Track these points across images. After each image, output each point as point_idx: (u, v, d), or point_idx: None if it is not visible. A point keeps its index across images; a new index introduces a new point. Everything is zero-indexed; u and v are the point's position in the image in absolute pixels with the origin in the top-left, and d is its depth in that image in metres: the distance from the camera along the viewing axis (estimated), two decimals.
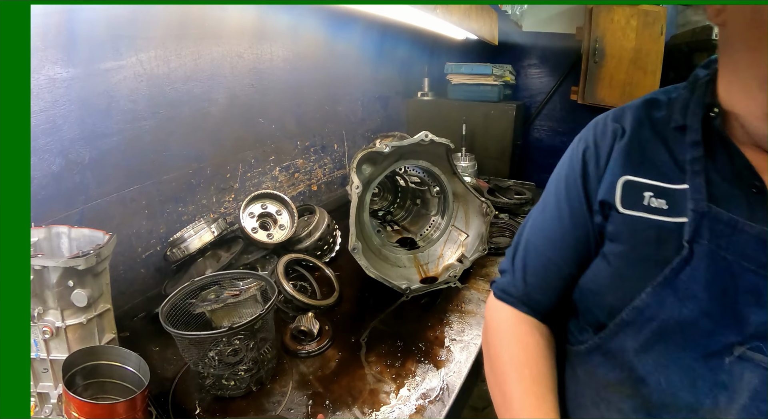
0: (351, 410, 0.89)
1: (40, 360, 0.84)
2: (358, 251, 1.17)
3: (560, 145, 3.00)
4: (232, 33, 1.43)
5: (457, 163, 2.13)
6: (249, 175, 1.60)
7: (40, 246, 0.90)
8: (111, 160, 1.14)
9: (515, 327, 0.70)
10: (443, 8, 1.44)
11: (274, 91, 1.65)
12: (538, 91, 2.97)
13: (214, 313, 1.01)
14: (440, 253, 1.46)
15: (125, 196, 1.19)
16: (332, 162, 2.09)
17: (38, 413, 0.86)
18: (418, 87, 2.67)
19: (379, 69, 2.34)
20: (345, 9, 1.61)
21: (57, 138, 1.01)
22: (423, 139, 1.20)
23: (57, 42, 0.97)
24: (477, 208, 1.41)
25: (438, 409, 0.89)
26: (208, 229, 1.23)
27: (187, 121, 1.33)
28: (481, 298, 1.29)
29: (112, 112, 1.13)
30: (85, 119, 1.06)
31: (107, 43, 1.09)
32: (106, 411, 0.73)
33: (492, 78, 2.44)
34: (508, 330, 0.71)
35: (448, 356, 1.05)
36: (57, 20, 0.96)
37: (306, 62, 1.78)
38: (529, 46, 2.85)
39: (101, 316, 0.89)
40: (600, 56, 2.36)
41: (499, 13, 2.23)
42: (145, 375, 0.81)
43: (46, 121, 0.98)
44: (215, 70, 1.39)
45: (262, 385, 0.95)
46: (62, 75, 0.99)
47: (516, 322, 0.71)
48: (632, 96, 2.36)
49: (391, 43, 2.34)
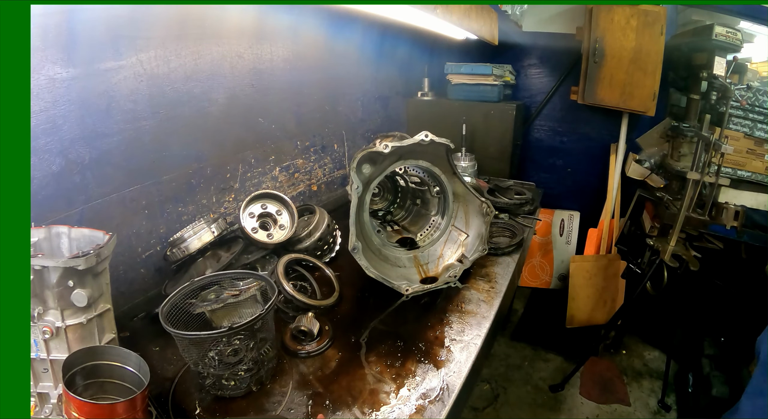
0: (351, 410, 0.89)
1: (40, 360, 0.84)
2: (358, 251, 1.17)
3: (560, 145, 3.00)
4: (232, 33, 1.43)
5: (457, 163, 2.13)
6: (249, 175, 1.60)
7: (40, 246, 0.90)
8: (111, 160, 1.14)
9: None
10: (443, 8, 1.44)
11: (274, 91, 1.65)
12: (538, 91, 2.97)
13: (214, 313, 1.01)
14: (440, 253, 1.46)
15: (125, 196, 1.19)
16: (332, 162, 2.09)
17: (38, 413, 0.86)
18: (418, 87, 2.67)
19: (379, 69, 2.35)
20: (345, 9, 1.61)
21: (57, 138, 1.01)
22: (423, 139, 1.20)
23: (57, 42, 0.97)
24: (477, 208, 1.41)
25: (438, 409, 0.89)
26: (208, 229, 1.23)
27: (187, 121, 1.33)
28: (481, 298, 1.29)
29: (112, 112, 1.13)
30: (85, 119, 1.06)
31: (107, 43, 1.09)
32: (106, 411, 0.73)
33: (492, 78, 2.44)
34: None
35: (448, 356, 1.05)
36: (57, 20, 0.96)
37: (306, 62, 1.78)
38: (529, 46, 2.86)
39: (101, 316, 0.89)
40: (600, 56, 2.36)
41: (499, 13, 2.23)
42: (145, 375, 0.81)
43: (46, 121, 0.98)
44: (215, 70, 1.39)
45: (262, 385, 0.95)
46: (62, 75, 0.99)
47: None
48: (632, 96, 2.37)
49: (391, 43, 2.34)
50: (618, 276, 2.64)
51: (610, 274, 2.70)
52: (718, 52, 1.97)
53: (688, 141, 2.32)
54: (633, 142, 2.61)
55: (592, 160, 2.91)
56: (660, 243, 2.14)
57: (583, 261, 2.74)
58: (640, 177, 2.41)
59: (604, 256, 2.76)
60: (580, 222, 3.03)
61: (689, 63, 2.24)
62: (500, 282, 1.38)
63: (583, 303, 2.73)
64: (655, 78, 2.29)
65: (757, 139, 2.20)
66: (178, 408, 0.89)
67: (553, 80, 2.90)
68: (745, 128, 2.20)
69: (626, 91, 2.38)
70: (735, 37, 1.92)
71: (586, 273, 2.71)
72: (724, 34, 1.90)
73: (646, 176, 2.38)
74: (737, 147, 2.16)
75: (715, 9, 2.15)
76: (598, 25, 2.33)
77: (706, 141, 1.89)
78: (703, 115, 1.98)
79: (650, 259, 2.29)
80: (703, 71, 2.03)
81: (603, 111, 2.62)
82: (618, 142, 2.69)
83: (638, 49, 2.27)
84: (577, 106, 2.64)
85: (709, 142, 1.87)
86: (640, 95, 2.35)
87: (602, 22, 2.32)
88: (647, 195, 2.51)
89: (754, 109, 2.15)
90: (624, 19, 2.27)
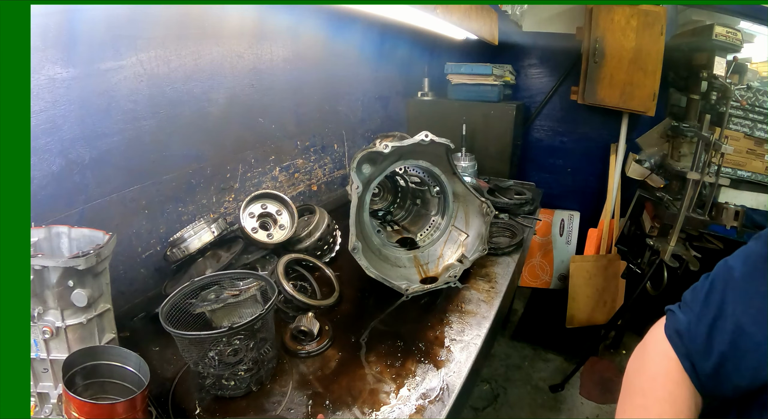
0: (351, 410, 0.89)
1: (40, 360, 0.84)
2: (358, 251, 1.17)
3: (560, 145, 3.00)
4: (232, 33, 1.43)
5: (457, 163, 2.13)
6: (249, 175, 1.60)
7: (40, 246, 0.90)
8: (111, 160, 1.14)
9: (671, 384, 0.62)
10: (443, 8, 1.44)
11: (274, 91, 1.65)
12: (538, 91, 2.97)
13: (214, 313, 1.01)
14: (440, 253, 1.46)
15: (125, 196, 1.19)
16: (332, 162, 2.09)
17: (38, 413, 0.86)
18: (418, 87, 2.67)
19: (379, 69, 2.34)
20: (345, 9, 1.61)
21: (57, 138, 1.01)
22: (423, 139, 1.20)
23: (57, 42, 0.97)
24: (477, 208, 1.41)
25: (438, 409, 0.89)
26: (208, 229, 1.23)
27: (187, 121, 1.33)
28: (481, 298, 1.29)
29: (112, 112, 1.13)
30: (85, 119, 1.06)
31: (107, 43, 1.09)
32: (106, 411, 0.73)
33: (492, 78, 2.44)
34: (664, 380, 0.63)
35: (448, 356, 1.05)
36: (57, 20, 0.96)
37: (306, 62, 1.78)
38: (529, 46, 2.86)
39: (101, 316, 0.89)
40: (600, 56, 2.36)
41: (499, 13, 2.23)
42: (145, 375, 0.81)
43: (46, 121, 0.98)
44: (215, 70, 1.39)
45: (262, 385, 0.95)
46: (62, 75, 0.99)
47: (674, 377, 0.63)
48: (632, 96, 2.37)
49: (391, 43, 2.34)
50: (618, 277, 2.64)
51: (610, 274, 2.70)
52: (718, 52, 1.97)
53: (688, 141, 2.32)
54: (633, 142, 2.61)
55: (592, 160, 2.91)
56: (660, 244, 2.14)
57: (583, 261, 2.74)
58: (640, 177, 2.41)
59: (604, 256, 2.76)
60: (580, 223, 3.03)
61: (689, 63, 2.24)
62: (500, 282, 1.38)
63: (583, 303, 2.73)
64: (655, 78, 2.29)
65: (757, 139, 2.20)
66: (178, 408, 0.89)
67: (553, 80, 2.90)
68: (745, 128, 2.20)
69: (626, 91, 2.38)
70: (735, 37, 1.92)
71: (586, 273, 2.71)
72: (724, 34, 1.90)
73: (646, 176, 2.38)
74: (737, 147, 2.16)
75: (715, 9, 2.15)
76: (598, 25, 2.33)
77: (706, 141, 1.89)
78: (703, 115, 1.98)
79: (650, 259, 2.29)
80: (703, 71, 2.03)
81: (603, 111, 2.62)
82: (618, 142, 2.69)
83: (638, 49, 2.27)
84: (577, 106, 2.64)
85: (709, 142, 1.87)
86: (640, 95, 2.35)
87: (602, 22, 2.32)
88: (647, 195, 2.51)
89: (754, 109, 2.16)
90: (624, 19, 2.27)
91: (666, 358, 0.65)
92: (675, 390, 0.62)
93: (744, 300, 0.59)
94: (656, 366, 0.66)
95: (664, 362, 0.65)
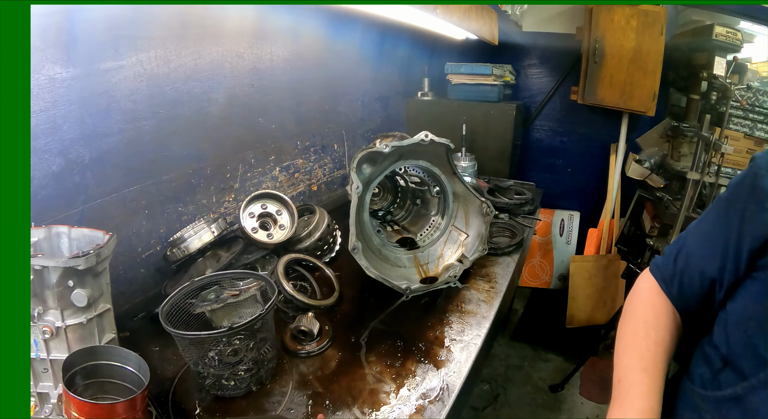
0: (351, 410, 0.89)
1: (40, 360, 0.84)
2: (358, 251, 1.17)
3: (560, 145, 3.00)
4: (232, 33, 1.43)
5: (457, 163, 2.13)
6: (249, 175, 1.60)
7: (40, 246, 0.90)
8: (111, 160, 1.14)
9: (654, 297, 0.80)
10: (443, 8, 1.44)
11: (274, 91, 1.65)
12: (538, 91, 2.97)
13: (214, 313, 1.01)
14: (440, 253, 1.46)
15: (125, 196, 1.19)
16: (332, 162, 2.09)
17: (38, 413, 0.86)
18: (418, 87, 2.67)
19: (379, 69, 2.34)
20: (345, 9, 1.61)
21: (57, 138, 1.01)
22: (423, 139, 1.20)
23: (57, 42, 0.97)
24: (477, 208, 1.41)
25: (438, 409, 0.89)
26: (208, 229, 1.23)
27: (187, 121, 1.33)
28: (481, 298, 1.29)
29: (112, 112, 1.12)
30: (85, 119, 1.06)
31: (107, 43, 1.09)
32: (106, 411, 0.73)
33: (492, 78, 2.44)
34: (648, 296, 0.81)
35: (448, 356, 1.05)
36: (57, 20, 0.96)
37: (306, 62, 1.78)
38: (529, 46, 2.86)
39: (101, 316, 0.89)
40: (600, 56, 2.36)
41: (499, 13, 2.23)
42: (145, 375, 0.81)
43: (46, 121, 0.98)
44: (215, 70, 1.39)
45: (262, 385, 0.95)
46: (62, 75, 0.99)
47: (656, 292, 0.80)
48: (632, 96, 2.37)
49: (391, 43, 2.34)
50: (618, 276, 2.64)
51: (610, 274, 2.70)
52: (718, 52, 1.97)
53: (688, 141, 2.32)
54: (633, 142, 2.61)
55: (592, 160, 2.91)
56: (660, 243, 2.14)
57: (583, 261, 2.74)
58: (640, 177, 2.41)
59: (604, 256, 2.76)
60: (580, 222, 3.03)
61: (689, 63, 2.25)
62: (500, 282, 1.38)
63: (583, 303, 2.73)
64: (655, 78, 2.29)
65: (757, 139, 2.20)
66: (178, 408, 0.89)
67: (553, 80, 2.90)
68: (745, 128, 2.20)
69: (626, 91, 2.38)
70: (735, 37, 1.92)
71: (586, 273, 2.71)
72: (724, 34, 1.90)
73: (646, 176, 2.38)
74: (737, 147, 2.16)
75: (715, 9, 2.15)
76: (598, 25, 2.33)
77: (706, 141, 1.89)
78: (703, 115, 1.99)
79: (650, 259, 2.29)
80: (703, 71, 2.03)
81: (603, 111, 2.62)
82: (618, 142, 2.69)
83: (638, 49, 2.27)
84: (577, 106, 2.64)
85: (709, 142, 1.87)
86: (640, 95, 2.35)
87: (602, 22, 2.32)
88: (647, 195, 2.51)
89: (754, 109, 2.15)
90: (624, 19, 2.27)
91: (648, 282, 0.83)
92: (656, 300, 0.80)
93: (696, 225, 0.77)
94: (641, 287, 0.84)
95: (647, 284, 0.83)
